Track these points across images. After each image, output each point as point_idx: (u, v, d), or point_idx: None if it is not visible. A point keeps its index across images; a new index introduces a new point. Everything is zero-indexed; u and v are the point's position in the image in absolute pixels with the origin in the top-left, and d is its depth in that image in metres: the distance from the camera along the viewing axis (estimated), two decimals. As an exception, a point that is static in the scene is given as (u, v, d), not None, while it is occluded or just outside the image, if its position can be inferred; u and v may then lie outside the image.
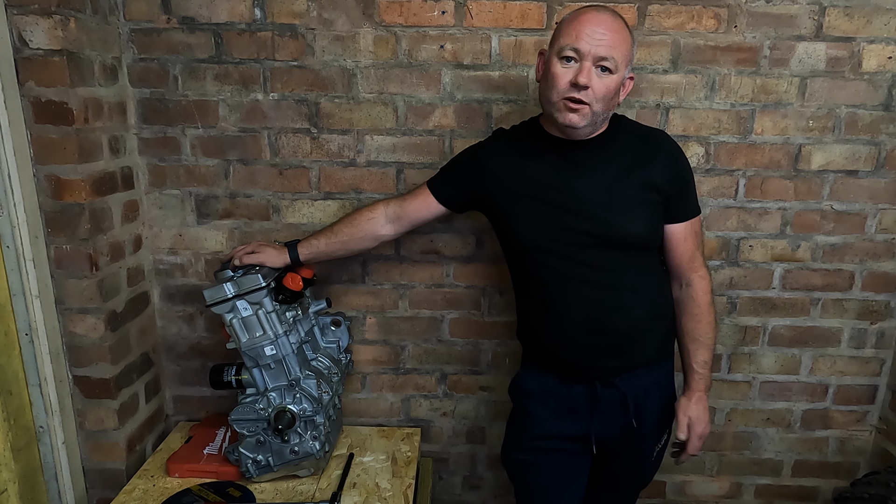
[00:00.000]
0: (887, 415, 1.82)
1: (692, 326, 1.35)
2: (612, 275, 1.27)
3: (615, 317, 1.28)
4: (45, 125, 1.36)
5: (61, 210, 1.41)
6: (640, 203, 1.26)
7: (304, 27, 1.55)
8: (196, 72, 1.57)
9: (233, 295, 1.39)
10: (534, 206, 1.28)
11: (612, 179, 1.26)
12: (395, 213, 1.46)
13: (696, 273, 1.35)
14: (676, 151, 1.33)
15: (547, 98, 1.22)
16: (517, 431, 1.45)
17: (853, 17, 1.52)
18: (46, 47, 1.32)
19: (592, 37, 1.14)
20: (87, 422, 1.56)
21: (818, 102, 1.59)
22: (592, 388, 1.33)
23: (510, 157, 1.34)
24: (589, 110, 1.18)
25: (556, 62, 1.18)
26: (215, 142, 1.63)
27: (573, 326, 1.29)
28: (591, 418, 1.34)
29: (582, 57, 1.15)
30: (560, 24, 1.22)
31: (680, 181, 1.31)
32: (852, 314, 1.76)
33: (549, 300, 1.31)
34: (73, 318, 1.48)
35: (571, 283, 1.27)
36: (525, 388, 1.43)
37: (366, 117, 1.61)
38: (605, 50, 1.15)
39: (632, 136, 1.31)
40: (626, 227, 1.25)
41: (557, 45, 1.19)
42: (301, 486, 1.49)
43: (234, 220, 1.69)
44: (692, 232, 1.34)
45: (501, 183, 1.33)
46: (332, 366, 1.58)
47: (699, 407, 1.34)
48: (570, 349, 1.31)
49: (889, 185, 1.65)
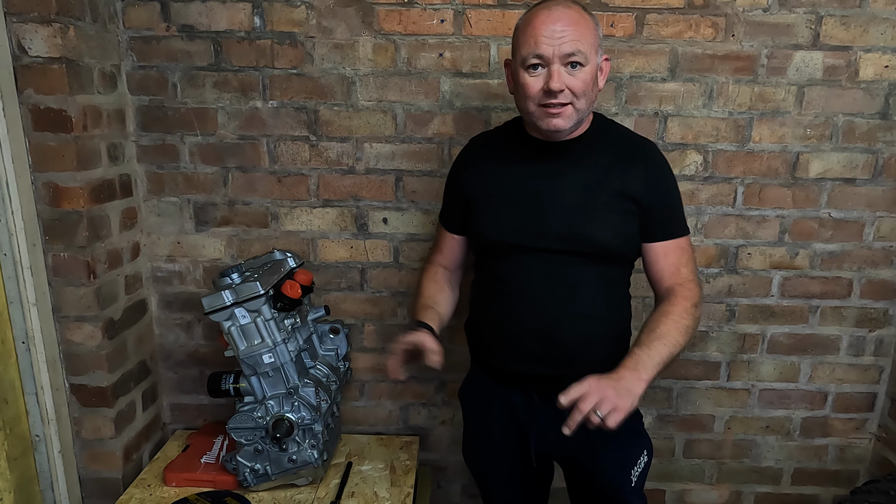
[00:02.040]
0: (886, 422, 1.82)
1: (653, 318, 1.20)
2: (573, 282, 1.22)
3: (566, 326, 1.22)
4: (44, 132, 1.36)
5: (59, 217, 1.41)
6: (613, 210, 1.20)
7: (304, 35, 1.55)
8: (195, 79, 1.57)
9: (231, 303, 1.38)
10: (504, 204, 1.24)
11: (587, 183, 1.20)
12: (443, 265, 1.44)
13: (680, 285, 1.23)
14: (661, 165, 1.26)
15: (524, 109, 1.18)
16: (468, 438, 1.46)
17: (850, 27, 1.53)
18: (45, 55, 1.32)
19: (552, 37, 1.08)
20: (83, 430, 1.55)
21: (815, 111, 1.60)
22: (530, 397, 1.29)
23: (484, 160, 1.31)
24: (572, 109, 1.13)
25: (522, 73, 1.13)
26: (214, 149, 1.63)
27: (522, 329, 1.24)
28: (530, 431, 1.30)
29: (548, 61, 1.10)
30: (516, 33, 1.16)
31: (661, 196, 1.23)
32: (851, 322, 1.76)
33: (503, 299, 1.26)
34: (70, 326, 1.47)
35: (529, 284, 1.23)
36: (471, 395, 1.43)
37: (365, 125, 1.61)
38: (569, 46, 1.08)
39: (615, 141, 1.26)
40: (595, 233, 1.19)
41: (520, 55, 1.13)
42: (299, 495, 1.48)
43: (232, 227, 1.68)
44: (676, 249, 1.25)
45: (475, 182, 1.30)
46: (330, 374, 1.58)
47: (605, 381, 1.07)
48: (512, 353, 1.27)
49: (886, 192, 1.65)
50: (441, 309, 1.36)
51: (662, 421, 1.82)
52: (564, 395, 1.06)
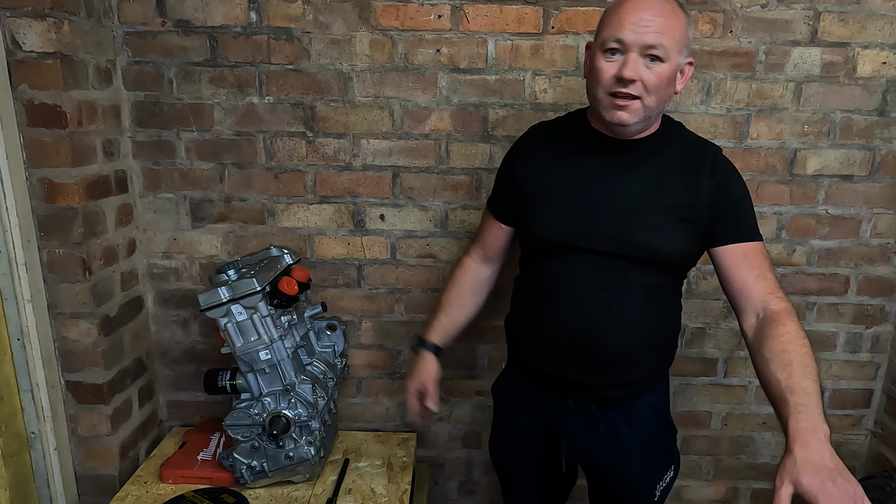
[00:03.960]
0: (883, 419, 1.82)
1: (780, 349, 1.01)
2: (620, 288, 1.17)
3: (608, 333, 1.17)
4: (39, 128, 1.35)
5: (54, 214, 1.40)
6: (670, 218, 1.14)
7: (300, 31, 1.54)
8: (191, 75, 1.57)
9: (227, 299, 1.38)
10: (558, 200, 1.19)
11: (647, 187, 1.15)
12: (482, 256, 1.41)
13: (773, 295, 1.10)
14: (726, 170, 1.18)
15: (593, 95, 1.12)
16: (498, 434, 1.45)
17: (848, 23, 1.53)
18: (40, 50, 1.31)
19: (638, 24, 1.04)
20: (79, 427, 1.54)
21: (813, 107, 1.59)
22: (565, 403, 1.25)
23: (541, 152, 1.26)
24: (640, 105, 1.07)
25: (599, 56, 1.08)
26: (210, 145, 1.62)
27: (562, 333, 1.20)
28: (561, 435, 1.27)
29: (627, 48, 1.05)
30: (604, 15, 1.12)
31: (727, 200, 1.15)
32: (847, 318, 1.76)
33: (546, 300, 1.22)
34: (65, 323, 1.47)
35: (575, 287, 1.18)
36: (505, 392, 1.42)
37: (362, 121, 1.60)
38: (652, 37, 1.04)
39: (682, 144, 1.20)
40: (649, 239, 1.13)
41: (601, 38, 1.09)
42: (296, 492, 1.48)
43: (228, 224, 1.68)
44: (753, 253, 1.14)
45: (529, 179, 1.24)
46: (327, 370, 1.57)
47: (816, 464, 0.84)
48: (550, 355, 1.23)
49: (884, 189, 1.65)
50: (457, 316, 1.41)
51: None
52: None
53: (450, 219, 1.67)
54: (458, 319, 1.42)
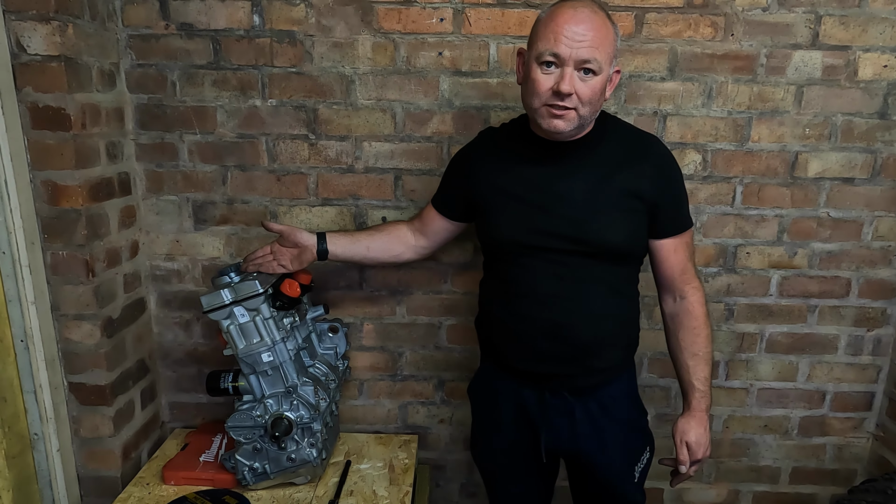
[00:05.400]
0: (884, 422, 1.82)
1: (690, 341, 1.28)
2: (583, 282, 1.22)
3: (578, 325, 1.23)
4: (43, 131, 1.36)
5: (58, 216, 1.40)
6: (620, 210, 1.20)
7: (303, 34, 1.55)
8: (194, 78, 1.57)
9: (230, 301, 1.38)
10: (512, 203, 1.24)
11: (594, 183, 1.20)
12: (416, 227, 1.47)
13: (690, 285, 1.28)
14: (667, 159, 1.25)
15: (528, 104, 1.17)
16: (478, 434, 1.45)
17: (849, 26, 1.53)
18: (44, 53, 1.31)
19: (573, 39, 1.07)
20: (82, 429, 1.54)
21: (814, 110, 1.60)
22: (542, 395, 1.30)
23: (493, 155, 1.31)
24: (575, 114, 1.12)
25: (535, 67, 1.12)
26: (213, 148, 1.62)
27: (534, 329, 1.25)
28: (541, 427, 1.31)
29: (563, 62, 1.09)
30: (536, 25, 1.14)
31: (668, 192, 1.24)
32: (849, 321, 1.76)
33: (514, 299, 1.27)
34: (68, 325, 1.47)
35: (540, 285, 1.23)
36: (482, 391, 1.43)
37: (364, 124, 1.61)
38: (586, 52, 1.08)
39: (620, 138, 1.25)
40: (603, 233, 1.19)
41: (536, 50, 1.12)
42: (298, 494, 1.48)
43: (231, 226, 1.68)
44: (683, 244, 1.28)
45: (484, 180, 1.29)
46: (329, 372, 1.58)
47: (700, 430, 1.28)
48: (524, 352, 1.28)
49: (885, 192, 1.65)
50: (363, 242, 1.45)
51: (661, 420, 1.82)
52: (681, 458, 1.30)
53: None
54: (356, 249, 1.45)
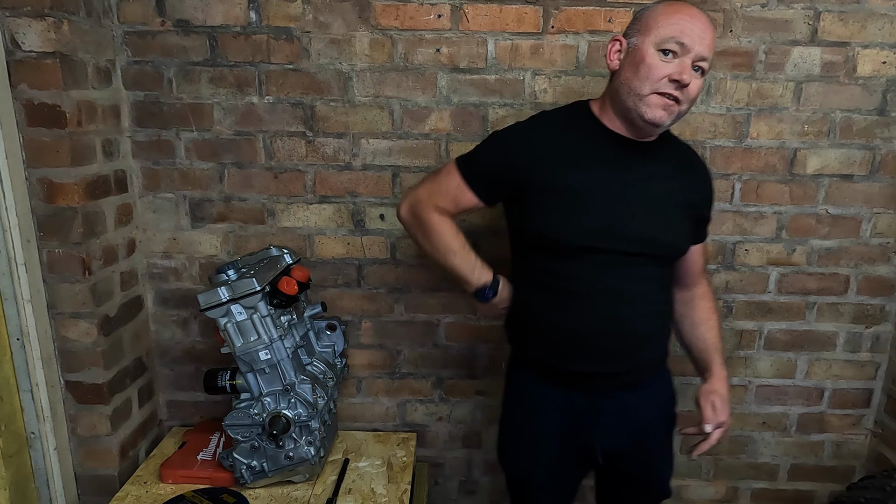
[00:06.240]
0: (883, 418, 1.82)
1: (706, 317, 1.38)
2: (642, 280, 1.22)
3: (636, 323, 1.23)
4: (38, 128, 1.35)
5: (54, 214, 1.40)
6: (681, 216, 1.25)
7: (300, 30, 1.54)
8: (191, 75, 1.56)
9: (227, 299, 1.38)
10: (582, 202, 1.17)
11: (661, 188, 1.21)
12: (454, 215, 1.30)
13: (704, 278, 1.41)
14: (708, 172, 1.34)
15: (634, 89, 1.11)
16: (516, 444, 1.38)
17: (847, 23, 1.53)
18: (39, 49, 1.31)
19: (696, 34, 1.07)
20: (79, 427, 1.54)
21: (813, 107, 1.59)
22: (594, 396, 1.27)
23: (558, 145, 1.20)
24: (677, 109, 1.11)
25: (653, 53, 1.09)
26: (210, 145, 1.62)
27: (591, 329, 1.21)
28: (595, 429, 1.28)
29: (684, 52, 1.08)
30: (653, 14, 1.12)
31: (711, 204, 1.34)
32: (847, 318, 1.76)
33: (570, 299, 1.21)
34: (65, 323, 1.47)
35: (601, 284, 1.20)
36: (524, 402, 1.35)
37: (361, 121, 1.60)
38: (706, 50, 1.08)
39: (673, 146, 1.28)
40: (669, 238, 1.23)
41: (657, 35, 1.09)
42: (296, 492, 1.48)
43: (228, 223, 1.68)
44: (704, 248, 1.40)
45: (549, 172, 1.18)
46: (327, 370, 1.57)
47: (723, 391, 1.31)
48: (578, 353, 1.23)
49: (884, 189, 1.65)
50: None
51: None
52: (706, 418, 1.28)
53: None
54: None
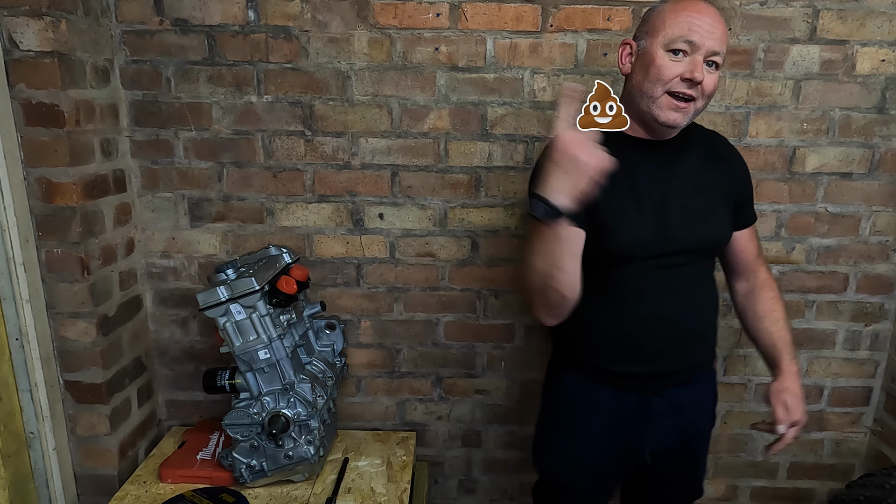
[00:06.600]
0: (882, 416, 1.82)
1: (771, 308, 1.32)
2: (689, 276, 1.22)
3: (688, 320, 1.22)
4: (36, 127, 1.35)
5: (52, 213, 1.39)
6: (719, 207, 1.23)
7: (298, 29, 1.54)
8: (189, 74, 1.56)
9: (226, 298, 1.38)
10: (626, 209, 1.16)
11: (696, 183, 1.20)
12: None
13: (763, 266, 1.36)
14: (740, 155, 1.31)
15: (646, 92, 1.11)
16: (561, 441, 1.35)
17: (847, 21, 1.53)
18: (37, 49, 1.30)
19: (705, 29, 1.07)
20: (78, 427, 1.54)
21: (812, 105, 1.59)
22: (645, 396, 1.26)
23: None
24: (692, 108, 1.11)
25: (662, 54, 1.09)
26: (208, 144, 1.61)
27: (641, 328, 1.21)
28: (644, 429, 1.28)
29: (694, 50, 1.08)
30: (660, 14, 1.12)
31: (748, 186, 1.31)
32: (847, 316, 1.76)
33: (619, 300, 1.21)
34: (64, 323, 1.47)
35: (649, 284, 1.19)
36: (571, 397, 1.33)
37: (360, 120, 1.60)
38: (717, 44, 1.08)
39: (697, 137, 1.25)
40: (711, 232, 1.22)
41: (664, 36, 1.09)
42: (295, 492, 1.48)
43: (227, 223, 1.67)
44: (755, 231, 1.34)
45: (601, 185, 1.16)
46: (326, 369, 1.57)
47: (796, 389, 1.26)
48: (629, 353, 1.23)
49: (883, 187, 1.65)
50: None
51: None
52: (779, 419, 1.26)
53: (448, 217, 1.67)
54: None
